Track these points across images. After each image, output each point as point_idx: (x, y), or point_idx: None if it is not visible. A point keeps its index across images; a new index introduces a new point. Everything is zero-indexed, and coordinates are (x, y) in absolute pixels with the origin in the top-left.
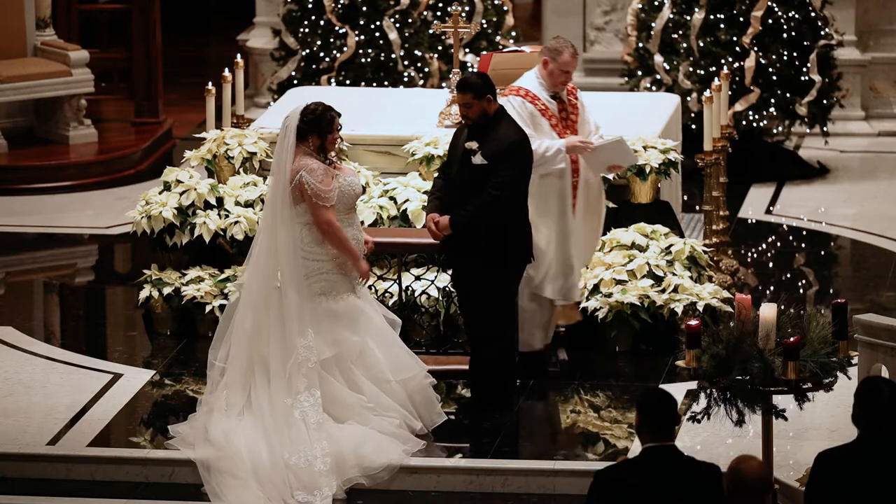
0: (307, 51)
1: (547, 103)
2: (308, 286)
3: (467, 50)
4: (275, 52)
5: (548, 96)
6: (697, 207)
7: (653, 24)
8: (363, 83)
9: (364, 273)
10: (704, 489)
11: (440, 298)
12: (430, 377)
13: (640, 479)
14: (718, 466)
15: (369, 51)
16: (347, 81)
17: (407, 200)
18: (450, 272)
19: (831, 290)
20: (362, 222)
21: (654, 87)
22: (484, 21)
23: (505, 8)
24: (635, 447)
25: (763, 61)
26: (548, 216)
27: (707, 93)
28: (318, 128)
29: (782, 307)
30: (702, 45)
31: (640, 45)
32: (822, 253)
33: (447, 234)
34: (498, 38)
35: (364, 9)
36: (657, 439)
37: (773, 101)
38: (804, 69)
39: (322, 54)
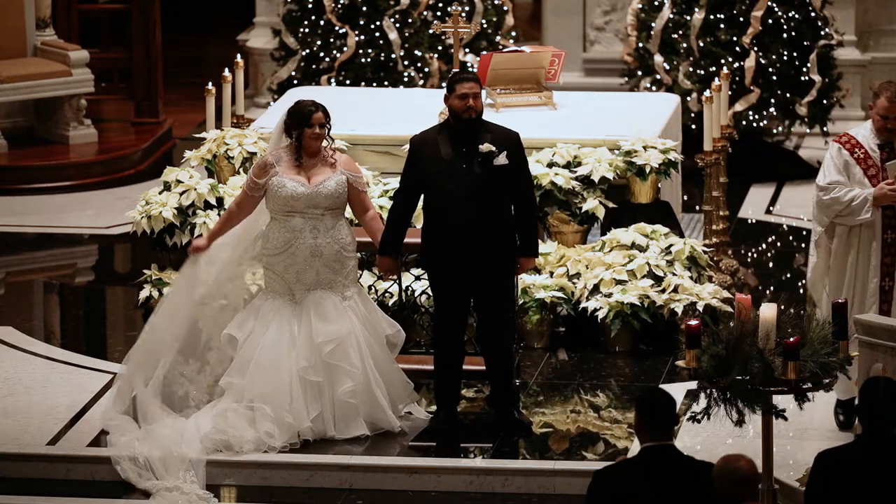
0: (307, 51)
1: (869, 151)
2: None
3: (467, 50)
4: (275, 52)
5: (873, 144)
6: (697, 207)
7: (653, 24)
8: (363, 83)
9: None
10: (703, 489)
11: None
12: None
13: (640, 478)
14: None
15: (369, 51)
16: (347, 81)
17: None
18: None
19: None
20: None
21: (654, 87)
22: (484, 21)
23: (505, 8)
24: (635, 447)
25: (763, 61)
26: (851, 270)
27: (707, 93)
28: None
29: (782, 307)
30: (702, 45)
31: (640, 45)
32: None
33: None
34: (498, 38)
35: (364, 9)
36: (656, 439)
37: (773, 101)
38: (804, 69)
39: (322, 54)
